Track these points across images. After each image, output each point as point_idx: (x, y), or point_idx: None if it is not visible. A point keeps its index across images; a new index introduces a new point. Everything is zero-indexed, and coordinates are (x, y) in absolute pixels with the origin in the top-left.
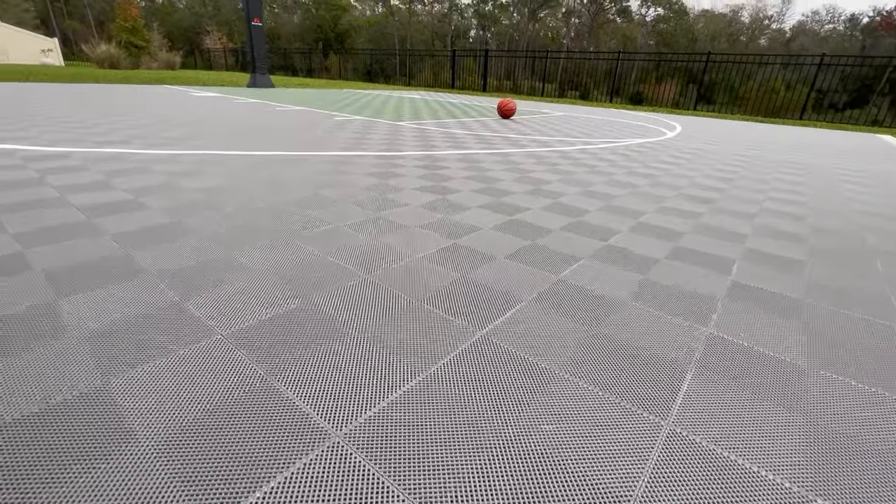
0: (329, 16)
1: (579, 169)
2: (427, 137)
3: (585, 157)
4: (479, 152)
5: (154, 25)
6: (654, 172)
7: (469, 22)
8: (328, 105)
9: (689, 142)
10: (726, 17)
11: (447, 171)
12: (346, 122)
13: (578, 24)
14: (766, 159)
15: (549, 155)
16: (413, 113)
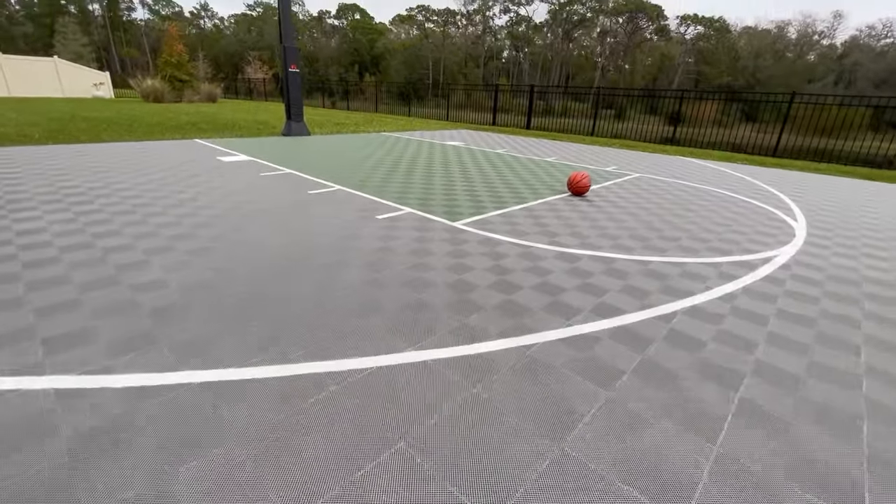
0: (365, 39)
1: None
2: (503, 264)
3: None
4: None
5: (200, 55)
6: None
7: (503, 43)
8: (366, 173)
9: (843, 250)
10: (771, 34)
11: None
12: (393, 227)
13: (614, 42)
14: None
15: (715, 310)
16: (468, 190)
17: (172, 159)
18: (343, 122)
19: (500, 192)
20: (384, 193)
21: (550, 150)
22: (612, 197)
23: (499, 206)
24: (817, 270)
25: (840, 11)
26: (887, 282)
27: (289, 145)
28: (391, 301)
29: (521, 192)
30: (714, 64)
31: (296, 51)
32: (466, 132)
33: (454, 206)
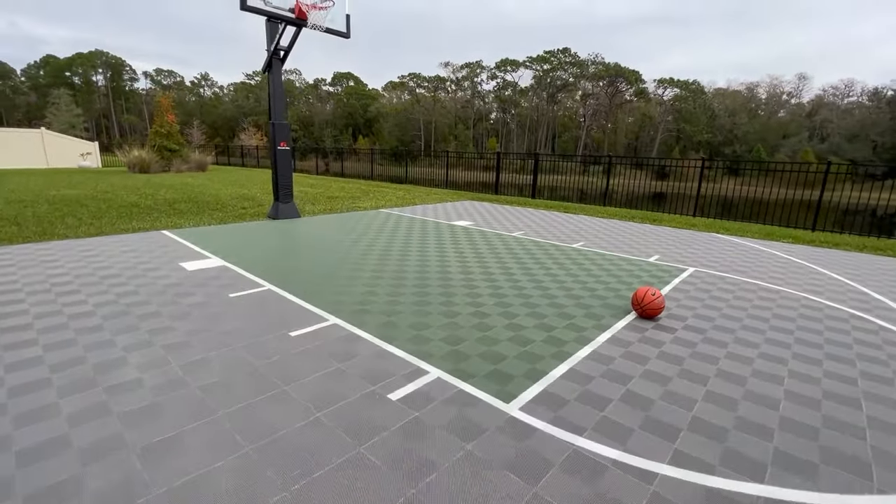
0: (359, 104)
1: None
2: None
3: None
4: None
5: (195, 123)
6: None
7: (490, 106)
8: (367, 286)
9: None
10: (743, 94)
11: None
12: (418, 425)
13: (596, 104)
14: None
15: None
16: (504, 312)
17: (121, 268)
18: (337, 196)
19: (546, 315)
20: (396, 332)
21: (570, 230)
22: (691, 318)
23: (556, 350)
24: None
25: (804, 73)
26: None
27: (274, 236)
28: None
29: (572, 316)
30: (693, 122)
31: (286, 127)
32: (470, 204)
33: (498, 359)
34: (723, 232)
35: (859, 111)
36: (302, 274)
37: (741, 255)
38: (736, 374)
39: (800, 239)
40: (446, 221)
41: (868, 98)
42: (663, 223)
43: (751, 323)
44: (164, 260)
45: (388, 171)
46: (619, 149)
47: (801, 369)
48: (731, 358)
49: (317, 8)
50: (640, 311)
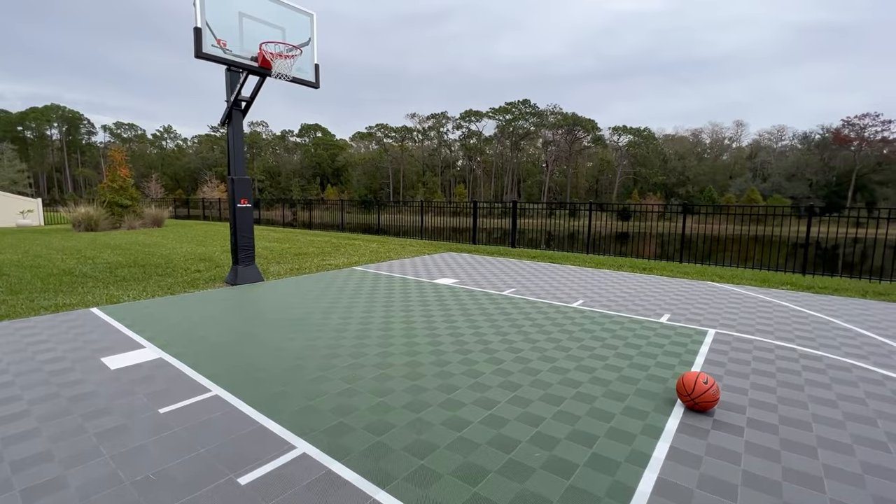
0: (327, 154)
1: None
2: None
3: None
4: None
5: (154, 176)
6: None
7: (457, 154)
8: (343, 389)
9: None
10: (689, 140)
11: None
12: None
13: (557, 150)
14: None
15: None
16: (527, 418)
17: (16, 372)
18: (305, 252)
19: (578, 415)
20: (395, 466)
21: (564, 284)
22: (750, 408)
23: (611, 482)
24: None
25: (741, 120)
26: None
27: (231, 309)
28: None
29: (608, 413)
30: (647, 166)
31: (247, 183)
32: (449, 256)
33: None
34: (717, 279)
35: (793, 153)
36: (262, 369)
37: (753, 310)
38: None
39: (797, 285)
40: (428, 280)
41: (799, 142)
42: (654, 272)
43: (821, 411)
44: (82, 354)
45: (358, 219)
46: (580, 192)
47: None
48: (834, 478)
49: (282, 56)
50: (689, 403)
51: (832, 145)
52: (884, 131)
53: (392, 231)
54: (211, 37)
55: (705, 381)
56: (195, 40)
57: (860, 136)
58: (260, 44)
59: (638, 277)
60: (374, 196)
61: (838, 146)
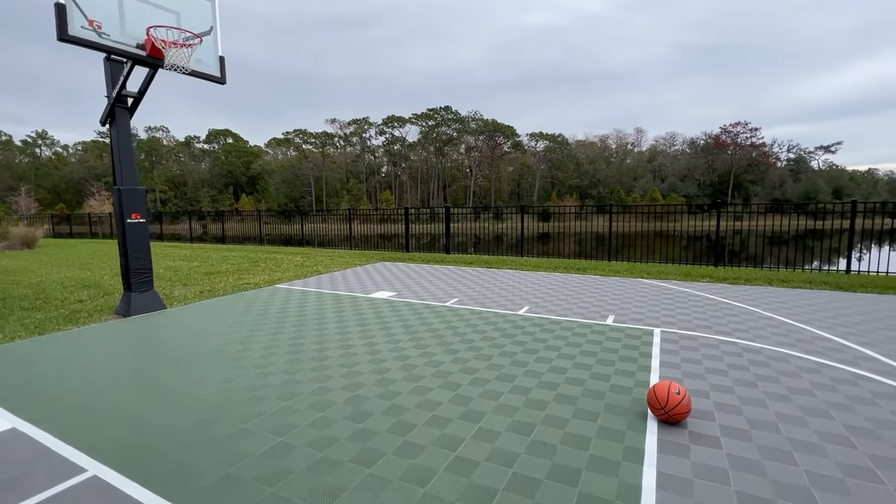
0: (240, 161)
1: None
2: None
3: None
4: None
5: (23, 189)
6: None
7: (381, 160)
8: (273, 456)
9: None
10: (597, 145)
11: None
12: None
13: (479, 156)
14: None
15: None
16: (498, 460)
17: None
18: (218, 270)
19: (545, 439)
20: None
21: (506, 290)
22: (718, 413)
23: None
24: None
25: (641, 127)
26: None
27: (121, 351)
28: None
29: (582, 436)
30: (563, 169)
31: (139, 194)
32: (383, 266)
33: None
34: (645, 276)
35: (683, 157)
36: (161, 429)
37: (687, 305)
38: None
39: (715, 277)
40: (363, 294)
41: (688, 147)
42: (588, 272)
43: (780, 408)
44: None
45: (279, 230)
46: (504, 195)
47: None
48: (819, 486)
49: (178, 45)
50: (663, 416)
51: (713, 150)
52: (752, 137)
53: (317, 242)
54: (80, 16)
55: (677, 391)
56: (57, 19)
57: (734, 142)
58: (147, 28)
59: (575, 279)
60: (296, 205)
61: (718, 150)
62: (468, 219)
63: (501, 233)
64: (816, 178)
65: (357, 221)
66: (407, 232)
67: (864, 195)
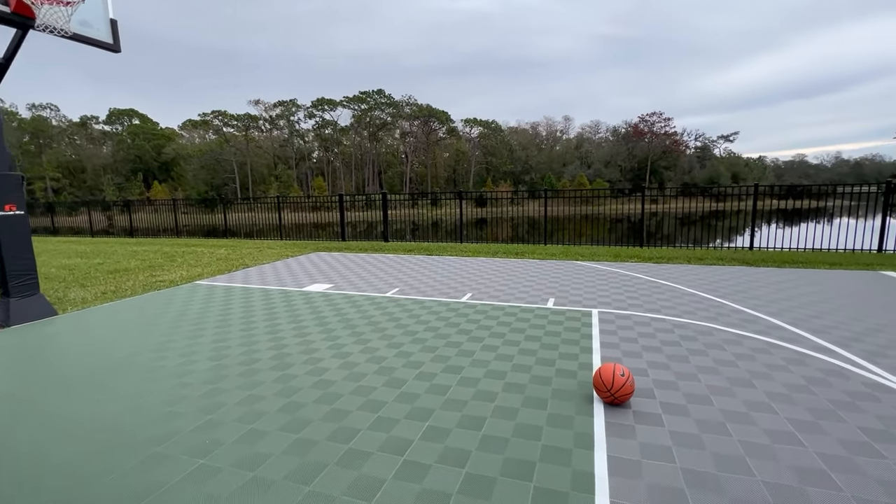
0: (149, 146)
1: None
2: None
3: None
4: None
5: None
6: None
7: (312, 145)
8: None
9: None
10: (529, 132)
11: None
12: None
13: (415, 141)
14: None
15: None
16: (450, 460)
17: None
18: (126, 267)
19: (498, 434)
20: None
21: (448, 278)
22: (657, 390)
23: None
24: None
25: (568, 116)
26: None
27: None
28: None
29: (534, 427)
30: (497, 156)
31: (15, 181)
32: (318, 258)
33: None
34: (579, 258)
35: (607, 144)
36: (50, 473)
37: (619, 285)
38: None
39: (641, 257)
40: (297, 288)
41: (611, 134)
42: (526, 256)
43: (710, 380)
44: None
45: (199, 220)
46: (440, 181)
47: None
48: (753, 455)
49: (53, 2)
50: (609, 398)
51: (633, 138)
52: (665, 127)
53: (244, 233)
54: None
55: (622, 373)
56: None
57: (651, 131)
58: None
59: (514, 263)
60: (218, 193)
61: (637, 138)
62: (405, 205)
63: (439, 219)
64: (719, 164)
65: (287, 210)
66: (342, 220)
67: (756, 179)
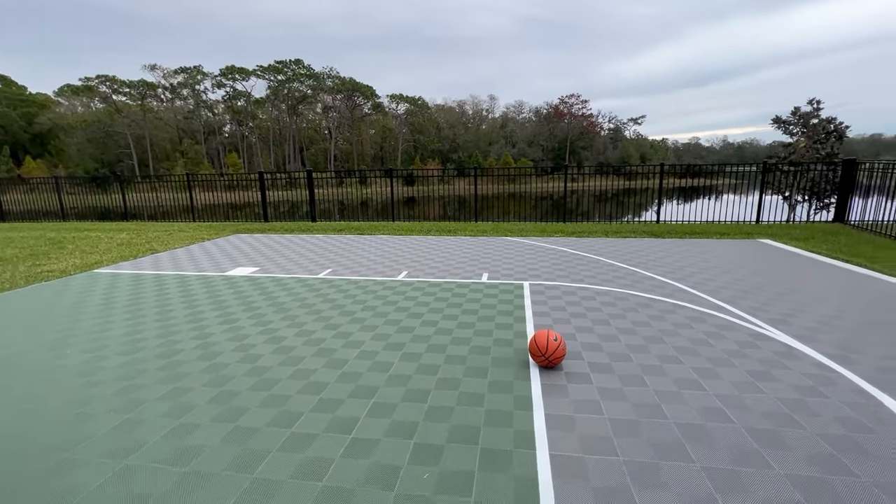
0: (16, 114)
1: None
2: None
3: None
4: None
5: None
6: None
7: (222, 118)
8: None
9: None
10: (455, 110)
11: None
12: None
13: (338, 116)
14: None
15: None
16: (400, 432)
17: None
18: (0, 257)
19: (451, 409)
20: None
21: (382, 256)
22: (585, 352)
23: (511, 481)
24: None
25: (494, 95)
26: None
27: None
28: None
29: (478, 395)
30: (425, 133)
31: None
32: (239, 240)
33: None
34: (508, 234)
35: (530, 124)
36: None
37: (546, 258)
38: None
39: (565, 232)
40: (218, 273)
41: (533, 115)
42: (459, 233)
43: (629, 340)
44: None
45: (91, 202)
46: (366, 160)
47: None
48: (666, 401)
49: None
50: (544, 362)
51: (554, 118)
52: (583, 109)
53: (147, 215)
54: None
55: (555, 338)
56: None
57: (570, 112)
58: None
59: (448, 240)
60: (112, 171)
61: (557, 119)
62: (332, 184)
63: (368, 198)
64: (629, 145)
65: (199, 189)
66: (264, 199)
67: (659, 159)
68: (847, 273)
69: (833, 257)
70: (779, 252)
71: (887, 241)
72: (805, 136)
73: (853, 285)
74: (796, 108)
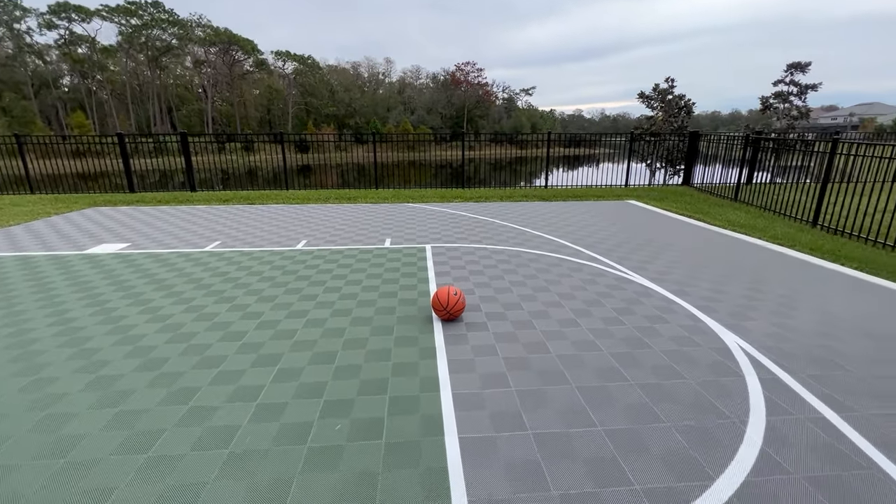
0: None
1: None
2: None
3: None
4: None
5: None
6: None
7: (59, 67)
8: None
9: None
10: (350, 73)
11: None
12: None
13: (214, 73)
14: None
15: None
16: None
17: None
18: None
19: (359, 367)
20: None
21: (274, 227)
22: (483, 304)
23: (418, 422)
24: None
25: (389, 58)
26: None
27: None
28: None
29: (384, 352)
30: (317, 96)
31: None
32: (98, 213)
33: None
34: (410, 201)
35: (428, 91)
36: None
37: (447, 222)
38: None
39: (464, 197)
40: (75, 252)
41: (431, 81)
42: (359, 201)
43: (521, 291)
44: None
45: None
46: (251, 123)
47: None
48: (551, 339)
49: None
50: (445, 315)
51: (451, 86)
52: (479, 77)
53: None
54: None
55: (455, 293)
56: None
57: (466, 80)
58: None
59: (348, 208)
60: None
61: (455, 87)
62: (212, 150)
63: (255, 166)
64: (521, 115)
65: (34, 154)
66: (128, 167)
67: (548, 129)
68: (689, 226)
69: (681, 214)
70: (641, 211)
71: (719, 200)
72: (662, 110)
73: (692, 236)
74: (656, 84)
